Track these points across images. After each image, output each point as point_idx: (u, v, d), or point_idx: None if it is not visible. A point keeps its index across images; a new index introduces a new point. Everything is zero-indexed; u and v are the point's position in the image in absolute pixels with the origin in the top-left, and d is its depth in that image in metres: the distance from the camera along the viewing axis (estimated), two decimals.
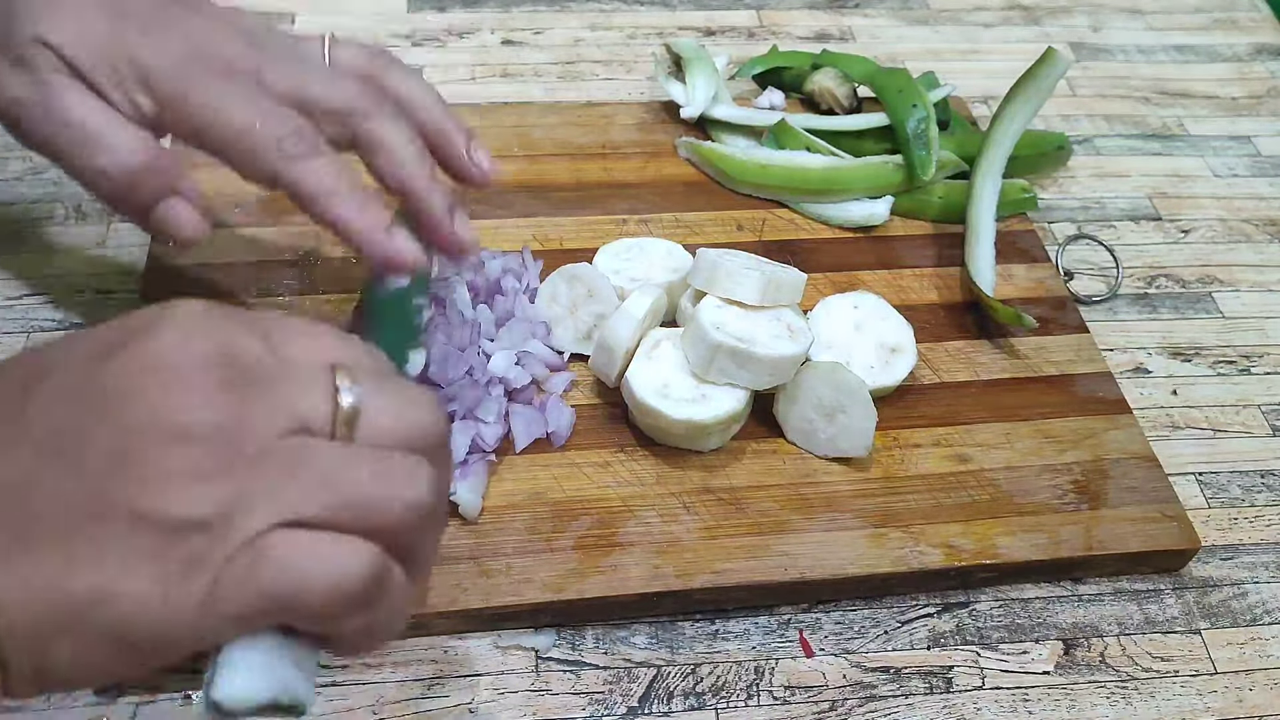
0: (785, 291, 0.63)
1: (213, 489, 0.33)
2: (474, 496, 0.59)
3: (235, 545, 0.32)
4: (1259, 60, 1.01)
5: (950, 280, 0.76)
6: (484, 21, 0.97)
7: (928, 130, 0.79)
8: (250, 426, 0.34)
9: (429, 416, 0.37)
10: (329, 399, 0.35)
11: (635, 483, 0.62)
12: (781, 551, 0.59)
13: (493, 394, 0.62)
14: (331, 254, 0.73)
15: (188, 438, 0.33)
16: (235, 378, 0.34)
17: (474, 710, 0.55)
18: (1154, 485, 0.64)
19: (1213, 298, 0.79)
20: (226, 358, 0.34)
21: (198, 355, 0.34)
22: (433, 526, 0.38)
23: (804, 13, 1.02)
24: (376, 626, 0.36)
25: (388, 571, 0.35)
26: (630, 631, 0.58)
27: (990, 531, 0.61)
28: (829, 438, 0.63)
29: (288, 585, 0.33)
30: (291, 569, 0.33)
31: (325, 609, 0.34)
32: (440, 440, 0.38)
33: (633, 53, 0.95)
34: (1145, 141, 0.91)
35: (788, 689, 0.57)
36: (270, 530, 0.33)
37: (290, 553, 0.33)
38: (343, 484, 0.34)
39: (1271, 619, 0.62)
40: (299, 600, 0.33)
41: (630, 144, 0.83)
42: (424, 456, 0.36)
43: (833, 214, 0.78)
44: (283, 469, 0.33)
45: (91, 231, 0.75)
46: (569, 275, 0.67)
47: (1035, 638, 0.60)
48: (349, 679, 0.56)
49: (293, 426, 0.34)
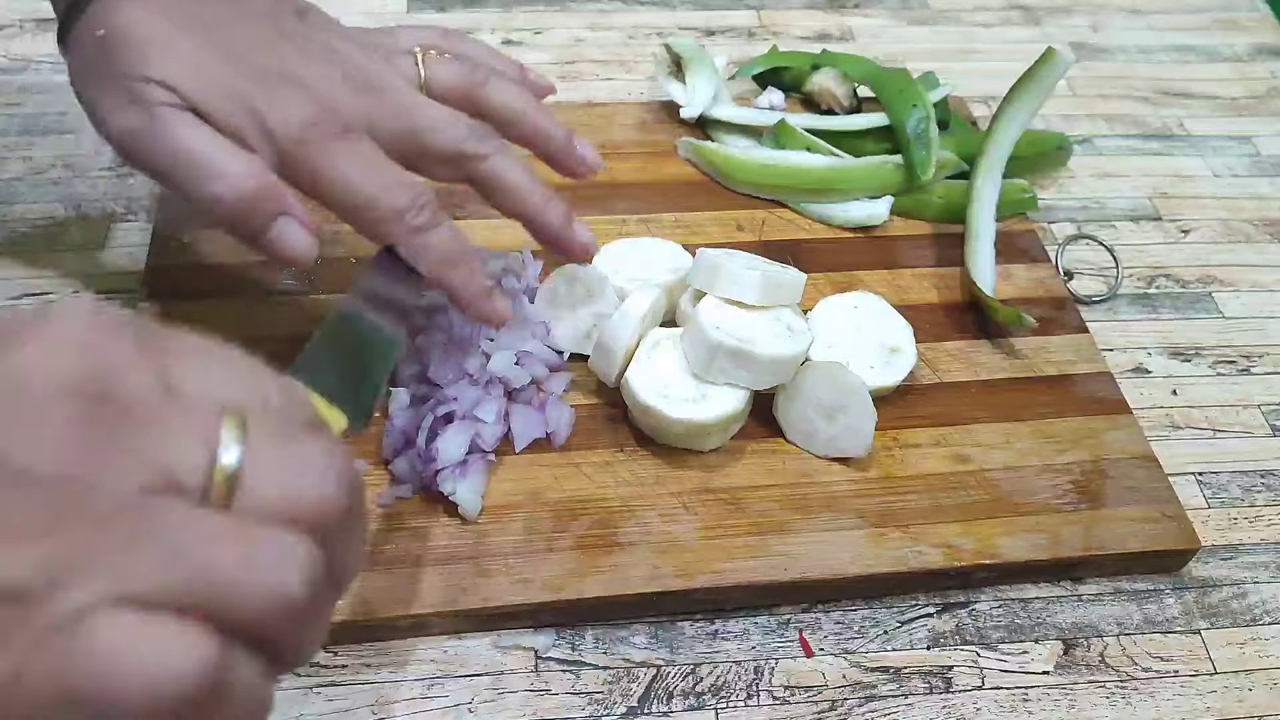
0: (785, 291, 0.63)
1: (37, 549, 0.27)
2: (473, 496, 0.59)
3: (51, 621, 0.26)
4: (1259, 60, 1.01)
5: (950, 280, 0.76)
6: (484, 21, 0.97)
7: (927, 130, 0.79)
8: (104, 477, 0.28)
9: (330, 487, 0.31)
10: (207, 453, 0.29)
11: (635, 483, 0.62)
12: (781, 551, 0.59)
13: (492, 394, 0.62)
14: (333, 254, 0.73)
15: (22, 482, 0.27)
16: (101, 412, 0.28)
17: (473, 710, 0.55)
18: (1154, 485, 0.64)
19: (1213, 298, 0.79)
20: (97, 385, 0.28)
21: (61, 378, 0.28)
22: (311, 613, 0.31)
23: (804, 13, 1.02)
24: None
25: (229, 671, 0.29)
26: (630, 631, 0.59)
27: (990, 531, 0.61)
28: (829, 438, 0.63)
29: (97, 679, 0.27)
30: (105, 659, 0.27)
31: (143, 713, 0.27)
32: (340, 515, 0.32)
33: (633, 53, 0.95)
34: (1145, 141, 0.91)
35: (787, 689, 0.57)
36: (97, 608, 0.27)
37: (110, 638, 0.27)
38: (195, 560, 0.28)
39: (1271, 619, 0.62)
40: (109, 699, 0.27)
41: (630, 144, 0.83)
42: (313, 535, 0.31)
43: (833, 214, 0.78)
44: (130, 534, 0.27)
45: (93, 231, 0.75)
46: (569, 275, 0.67)
47: (1035, 638, 0.60)
48: (348, 679, 0.56)
49: (157, 482, 0.29)
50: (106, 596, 0.27)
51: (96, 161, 0.80)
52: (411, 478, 0.60)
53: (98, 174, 0.79)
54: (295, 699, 0.55)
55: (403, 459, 0.60)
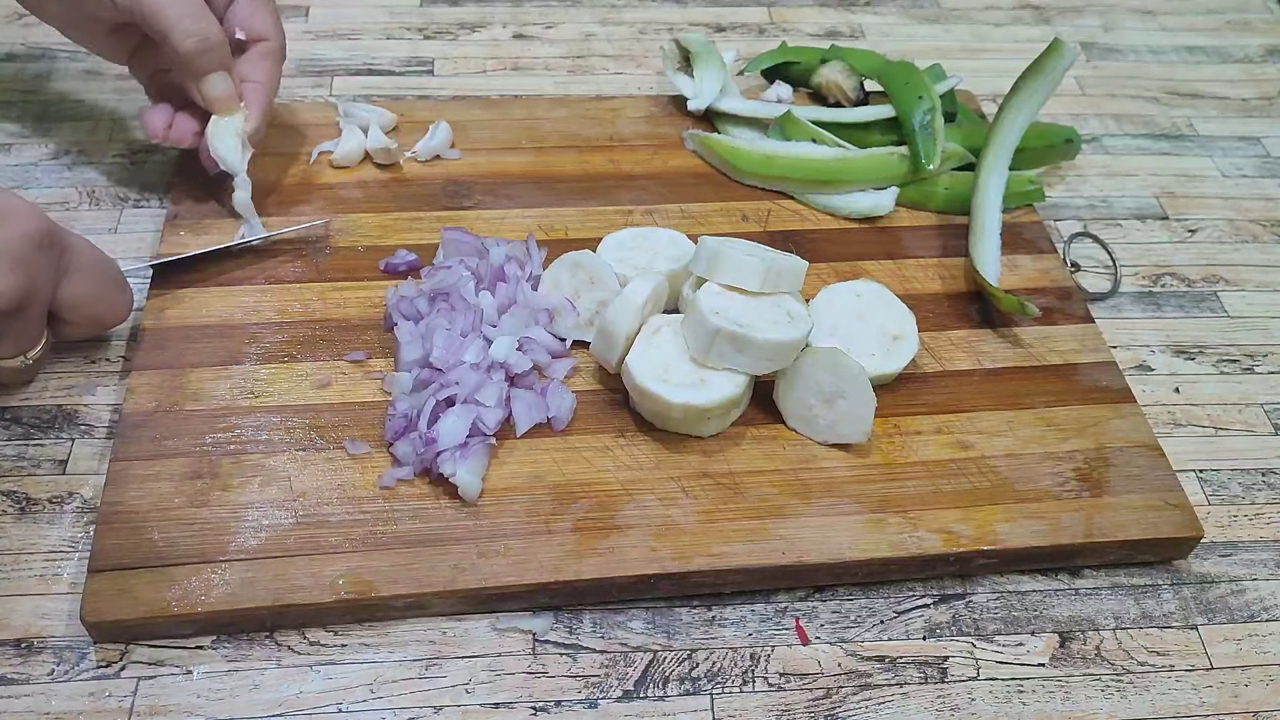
0: (786, 278, 0.63)
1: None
2: (474, 479, 0.59)
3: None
4: (1270, 62, 1.01)
5: (954, 270, 0.76)
6: (496, 15, 0.98)
7: (933, 121, 0.79)
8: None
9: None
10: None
11: (634, 467, 0.62)
12: (780, 535, 0.60)
13: (494, 378, 0.63)
14: (340, 243, 0.73)
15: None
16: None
17: (470, 691, 0.55)
18: (1157, 474, 0.64)
19: (1218, 297, 0.79)
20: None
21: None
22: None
23: (815, 10, 1.02)
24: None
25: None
26: (627, 616, 0.59)
27: (990, 518, 0.61)
28: (829, 423, 0.63)
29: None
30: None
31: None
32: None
33: (643, 48, 0.96)
34: (1154, 141, 0.91)
35: (783, 676, 0.57)
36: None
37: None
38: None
39: (1269, 616, 0.62)
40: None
41: (638, 137, 0.83)
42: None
43: (838, 205, 0.78)
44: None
45: (105, 216, 0.76)
46: (571, 263, 0.68)
47: (1031, 630, 0.60)
48: (347, 658, 0.56)
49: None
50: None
51: (110, 148, 0.81)
52: (413, 460, 0.60)
53: (111, 160, 0.80)
54: (294, 676, 0.55)
55: (404, 441, 0.61)
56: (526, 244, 0.71)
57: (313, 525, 0.58)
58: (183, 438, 0.61)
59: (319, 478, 0.60)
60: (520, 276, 0.68)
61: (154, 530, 0.57)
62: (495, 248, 0.69)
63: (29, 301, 0.57)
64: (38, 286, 0.57)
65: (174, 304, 0.68)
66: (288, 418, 0.63)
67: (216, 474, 0.60)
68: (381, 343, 0.68)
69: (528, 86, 0.91)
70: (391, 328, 0.67)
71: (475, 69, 0.92)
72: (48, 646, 0.55)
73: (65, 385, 0.66)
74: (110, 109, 0.84)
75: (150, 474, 0.60)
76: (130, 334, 0.69)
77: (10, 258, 0.55)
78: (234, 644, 0.56)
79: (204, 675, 0.55)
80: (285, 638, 0.57)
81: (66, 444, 0.63)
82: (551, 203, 0.77)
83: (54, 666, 0.55)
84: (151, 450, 0.61)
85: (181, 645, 0.56)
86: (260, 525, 0.58)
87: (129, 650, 0.56)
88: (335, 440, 0.62)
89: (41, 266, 0.57)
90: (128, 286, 0.65)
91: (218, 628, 0.56)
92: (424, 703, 0.55)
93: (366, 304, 0.70)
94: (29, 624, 0.56)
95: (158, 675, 0.55)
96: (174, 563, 0.56)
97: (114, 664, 0.55)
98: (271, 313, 0.68)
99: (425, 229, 0.75)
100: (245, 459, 0.61)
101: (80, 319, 0.63)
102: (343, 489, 0.60)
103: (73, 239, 0.60)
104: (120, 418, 0.62)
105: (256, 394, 0.64)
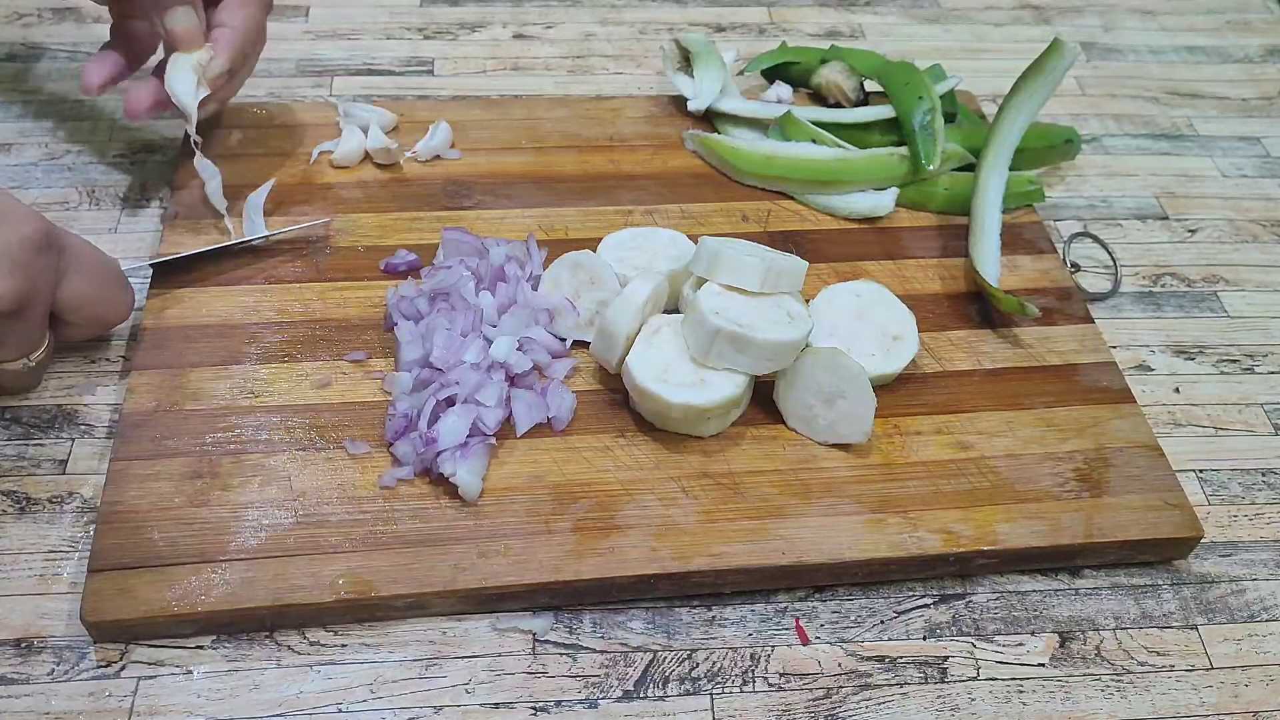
0: (786, 278, 0.63)
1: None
2: (474, 478, 0.59)
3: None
4: (1270, 62, 1.01)
5: (955, 270, 0.76)
6: (496, 15, 0.98)
7: (933, 121, 0.79)
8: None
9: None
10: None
11: (634, 467, 0.62)
12: (780, 535, 0.60)
13: (494, 379, 0.63)
14: (340, 243, 0.73)
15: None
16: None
17: (470, 691, 0.55)
18: (1157, 474, 0.64)
19: (1218, 297, 0.79)
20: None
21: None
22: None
23: (815, 10, 1.02)
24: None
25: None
26: (627, 616, 0.59)
27: (990, 518, 0.61)
28: (828, 423, 0.63)
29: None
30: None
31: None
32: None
33: (643, 48, 0.96)
34: (1154, 141, 0.91)
35: (783, 676, 0.57)
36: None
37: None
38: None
39: (1269, 616, 0.62)
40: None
41: (637, 137, 0.83)
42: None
43: (838, 205, 0.79)
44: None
45: (105, 216, 0.76)
46: (571, 263, 0.68)
47: (1031, 630, 0.60)
48: (347, 658, 0.56)
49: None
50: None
51: (110, 148, 0.81)
52: (413, 460, 0.60)
53: (111, 160, 0.80)
54: (294, 676, 0.55)
55: (404, 441, 0.61)
56: (526, 244, 0.71)
57: (313, 525, 0.58)
58: (183, 437, 0.61)
59: (319, 477, 0.60)
60: (520, 276, 0.68)
61: (154, 530, 0.57)
62: (495, 248, 0.69)
63: (29, 304, 0.57)
64: (38, 289, 0.57)
65: (174, 304, 0.68)
66: (288, 417, 0.63)
67: (216, 474, 0.60)
68: (381, 343, 0.68)
69: (528, 86, 0.91)
70: (391, 328, 0.67)
71: (475, 69, 0.92)
72: (48, 646, 0.55)
73: (65, 385, 0.66)
74: (110, 109, 0.84)
75: (150, 474, 0.60)
76: (130, 334, 0.69)
77: (9, 261, 0.55)
78: (234, 644, 0.56)
79: (204, 675, 0.55)
80: (285, 638, 0.57)
81: (66, 444, 0.64)
82: (551, 203, 0.77)
83: (54, 666, 0.55)
84: (151, 450, 0.61)
85: (181, 645, 0.56)
86: (260, 525, 0.58)
87: (129, 650, 0.56)
88: (335, 440, 0.62)
89: (41, 269, 0.57)
90: (129, 285, 0.65)
91: (218, 627, 0.56)
92: (424, 703, 0.55)
93: (366, 304, 0.70)
94: (29, 624, 0.56)
95: (158, 675, 0.55)
96: (174, 562, 0.56)
97: (114, 664, 0.55)
98: (271, 312, 0.69)
99: (425, 229, 0.75)
100: (245, 459, 0.61)
101: (82, 319, 0.63)
102: (343, 489, 0.60)
103: (72, 240, 0.60)
104: (120, 417, 0.62)
105: (256, 394, 0.64)
